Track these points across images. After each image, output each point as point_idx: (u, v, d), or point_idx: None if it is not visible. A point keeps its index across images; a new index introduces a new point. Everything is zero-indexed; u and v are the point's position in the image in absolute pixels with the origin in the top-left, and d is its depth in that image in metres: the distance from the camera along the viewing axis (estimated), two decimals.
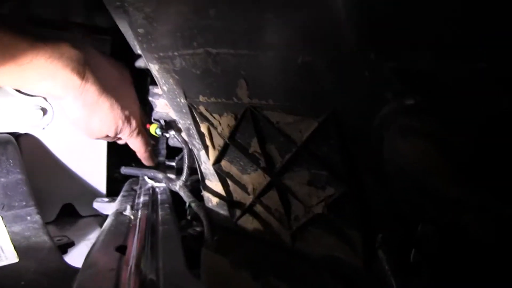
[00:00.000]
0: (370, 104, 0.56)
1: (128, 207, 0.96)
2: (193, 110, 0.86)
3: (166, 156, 1.46)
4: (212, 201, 1.02)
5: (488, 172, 0.52)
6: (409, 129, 0.54)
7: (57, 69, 0.93)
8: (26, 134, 1.17)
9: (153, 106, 1.20)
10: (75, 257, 0.85)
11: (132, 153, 1.25)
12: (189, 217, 1.07)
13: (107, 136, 1.13)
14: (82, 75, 0.97)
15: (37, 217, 0.90)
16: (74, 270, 0.74)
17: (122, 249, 0.73)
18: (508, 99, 0.45)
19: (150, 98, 1.20)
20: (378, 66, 0.51)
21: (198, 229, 0.97)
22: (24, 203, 0.93)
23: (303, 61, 0.58)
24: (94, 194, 1.32)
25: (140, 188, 1.21)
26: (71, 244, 0.91)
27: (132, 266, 0.67)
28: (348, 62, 0.54)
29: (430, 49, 0.46)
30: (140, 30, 0.78)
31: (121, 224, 0.86)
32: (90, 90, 1.00)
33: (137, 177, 1.34)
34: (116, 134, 1.13)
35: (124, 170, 1.34)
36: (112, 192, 1.35)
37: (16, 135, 1.14)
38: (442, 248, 0.64)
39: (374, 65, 0.51)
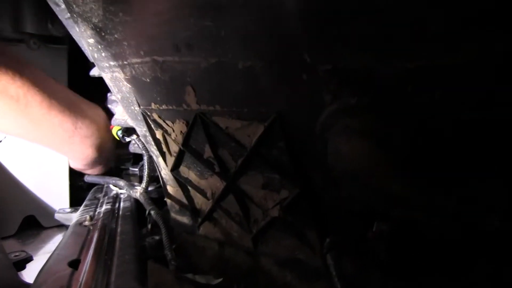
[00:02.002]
0: (311, 107, 0.56)
1: (88, 217, 0.95)
2: (147, 118, 0.85)
3: (132, 162, 1.45)
4: (175, 207, 1.02)
5: (429, 169, 0.52)
6: (349, 130, 0.55)
7: None
8: None
9: (113, 113, 1.19)
10: (36, 272, 0.84)
11: None
12: (149, 225, 1.06)
13: None
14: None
15: None
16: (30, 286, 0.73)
17: (75, 264, 0.72)
18: (441, 96, 0.45)
19: (109, 106, 1.19)
20: (314, 68, 0.51)
21: (157, 237, 0.96)
22: None
23: (244, 66, 0.58)
24: (57, 204, 1.31)
25: (104, 196, 1.20)
26: (29, 259, 0.89)
27: (82, 283, 0.66)
28: (285, 65, 0.54)
29: (363, 51, 0.47)
30: (90, 40, 0.77)
31: (79, 236, 0.85)
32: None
33: (102, 185, 1.33)
34: None
35: (88, 178, 1.33)
36: (78, 201, 1.34)
37: None
38: (396, 247, 0.64)
39: (310, 67, 0.51)
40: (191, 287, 0.74)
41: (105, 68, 0.82)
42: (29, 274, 0.83)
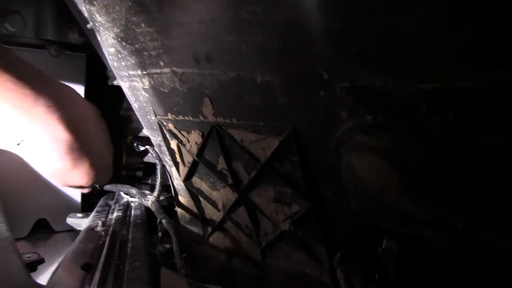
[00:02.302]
0: (327, 123, 0.57)
1: (100, 223, 0.96)
2: (162, 127, 0.86)
3: (143, 172, 1.46)
4: (185, 217, 1.03)
5: (440, 188, 0.53)
6: (364, 146, 0.55)
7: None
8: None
9: (129, 121, 1.21)
10: (46, 274, 0.85)
11: None
12: (160, 234, 1.07)
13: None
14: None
15: (7, 234, 0.89)
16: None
17: (87, 268, 0.73)
18: (455, 117, 0.46)
19: (123, 113, 1.20)
20: (331, 85, 0.52)
21: (167, 246, 0.97)
22: None
23: (262, 80, 0.59)
24: (68, 209, 1.32)
25: (115, 203, 1.21)
26: (41, 261, 0.90)
27: (95, 285, 0.68)
28: (303, 81, 0.55)
29: (381, 70, 0.48)
30: (111, 49, 0.79)
31: (91, 241, 0.86)
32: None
33: (113, 192, 1.34)
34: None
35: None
36: (88, 207, 1.35)
37: None
38: (404, 263, 0.64)
39: (328, 84, 0.52)
40: None
41: (123, 77, 0.84)
42: (42, 276, 0.84)
